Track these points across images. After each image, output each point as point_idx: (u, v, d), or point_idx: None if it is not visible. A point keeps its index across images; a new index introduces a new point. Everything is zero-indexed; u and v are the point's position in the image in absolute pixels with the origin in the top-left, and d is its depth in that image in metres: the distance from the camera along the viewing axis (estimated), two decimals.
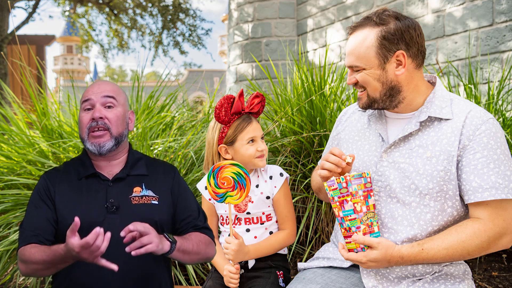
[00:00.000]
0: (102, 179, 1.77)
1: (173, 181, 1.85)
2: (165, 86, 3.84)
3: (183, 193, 1.85)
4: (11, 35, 10.62)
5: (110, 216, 1.70)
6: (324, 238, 2.98)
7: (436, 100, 1.66)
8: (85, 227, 1.66)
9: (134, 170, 1.81)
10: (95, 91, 1.78)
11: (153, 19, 14.79)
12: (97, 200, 1.73)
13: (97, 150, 1.74)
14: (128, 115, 1.86)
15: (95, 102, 1.76)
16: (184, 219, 1.82)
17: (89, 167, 1.79)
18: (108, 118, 1.76)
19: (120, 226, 1.67)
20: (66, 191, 1.75)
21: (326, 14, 7.05)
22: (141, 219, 1.70)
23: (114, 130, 1.76)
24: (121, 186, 1.77)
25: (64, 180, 1.78)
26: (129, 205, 1.73)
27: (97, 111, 1.74)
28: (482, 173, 1.55)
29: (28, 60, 11.05)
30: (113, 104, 1.78)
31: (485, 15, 4.73)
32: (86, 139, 1.76)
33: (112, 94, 1.79)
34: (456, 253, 1.54)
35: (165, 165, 1.90)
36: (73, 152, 3.12)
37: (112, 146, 1.76)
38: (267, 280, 1.99)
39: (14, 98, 3.54)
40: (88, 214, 1.69)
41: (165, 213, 1.78)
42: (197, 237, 1.76)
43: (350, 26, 1.70)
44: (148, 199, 1.76)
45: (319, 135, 2.97)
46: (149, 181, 1.81)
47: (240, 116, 2.01)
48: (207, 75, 30.39)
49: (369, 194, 1.57)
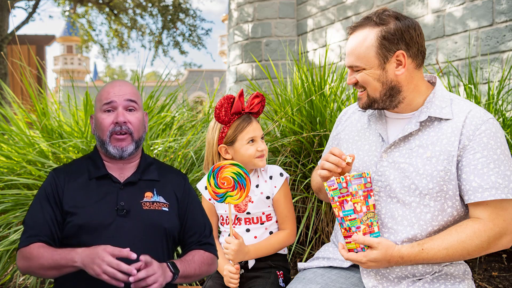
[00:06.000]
0: (113, 181, 1.75)
1: (183, 190, 1.83)
2: (165, 86, 3.84)
3: (191, 205, 1.83)
4: (11, 35, 10.62)
5: (119, 219, 1.68)
6: (324, 238, 2.98)
7: (436, 100, 1.66)
8: (93, 227, 1.66)
9: (146, 175, 1.79)
10: (117, 93, 1.74)
11: (153, 19, 14.80)
12: (107, 202, 1.70)
13: (119, 154, 1.73)
14: (144, 117, 1.84)
15: (118, 105, 1.73)
16: (191, 236, 1.80)
17: (101, 168, 1.77)
18: (131, 123, 1.74)
19: (129, 230, 1.67)
20: (76, 190, 1.73)
21: (326, 14, 7.05)
22: (150, 225, 1.70)
23: (135, 134, 1.75)
24: (132, 190, 1.74)
25: (74, 178, 1.75)
26: (140, 210, 1.71)
27: (120, 115, 1.71)
28: (482, 173, 1.55)
29: (28, 60, 11.05)
30: (134, 108, 1.76)
31: (485, 15, 4.73)
32: (108, 142, 1.73)
33: (134, 97, 1.76)
34: (456, 253, 1.54)
35: (176, 173, 1.88)
36: (73, 152, 3.12)
37: (133, 150, 1.75)
38: (267, 280, 1.99)
39: (14, 98, 3.54)
40: (98, 216, 1.67)
41: (174, 221, 1.76)
42: (200, 258, 1.75)
43: (350, 26, 1.70)
44: (159, 206, 1.74)
45: (319, 135, 2.97)
46: (160, 187, 1.79)
47: (240, 116, 2.01)
48: (207, 75, 30.38)
49: (369, 194, 1.57)
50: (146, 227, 1.69)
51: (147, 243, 1.68)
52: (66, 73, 25.69)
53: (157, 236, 1.71)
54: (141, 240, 1.67)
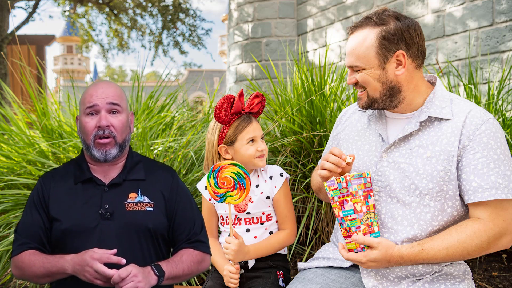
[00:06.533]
0: (98, 183, 1.75)
1: (171, 186, 1.81)
2: (165, 86, 3.84)
3: (180, 202, 1.81)
4: (11, 35, 10.62)
5: (103, 222, 1.68)
6: (324, 238, 2.98)
7: (436, 100, 1.66)
8: (78, 232, 1.66)
9: (131, 175, 1.78)
10: (99, 95, 1.73)
11: (153, 19, 14.80)
12: (91, 205, 1.71)
13: (104, 157, 1.73)
14: (129, 118, 1.83)
15: (100, 108, 1.72)
16: (180, 234, 1.79)
17: (85, 171, 1.77)
18: (114, 126, 1.73)
19: (114, 232, 1.67)
20: (61, 195, 1.73)
21: (326, 14, 7.05)
22: (134, 226, 1.69)
23: (119, 137, 1.74)
24: (116, 192, 1.74)
25: (60, 184, 1.76)
26: (123, 212, 1.70)
27: (103, 119, 1.71)
28: (482, 173, 1.55)
29: (28, 60, 11.05)
30: (117, 111, 1.75)
31: (485, 15, 4.73)
32: (93, 146, 1.73)
33: (117, 100, 1.75)
34: (456, 253, 1.54)
35: (164, 169, 1.86)
36: (73, 152, 3.12)
37: (117, 153, 1.74)
38: (267, 280, 1.99)
39: (14, 98, 3.54)
40: (82, 220, 1.67)
41: (160, 220, 1.75)
42: (189, 257, 1.73)
43: (350, 26, 1.70)
44: (143, 206, 1.73)
45: (319, 135, 2.97)
46: (145, 186, 1.78)
47: (240, 116, 2.01)
48: (207, 75, 30.37)
49: (369, 194, 1.57)
50: (130, 229, 1.69)
51: (132, 245, 1.68)
52: (66, 73, 25.68)
53: (143, 237, 1.71)
54: (126, 242, 1.67)
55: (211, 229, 2.12)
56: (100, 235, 1.66)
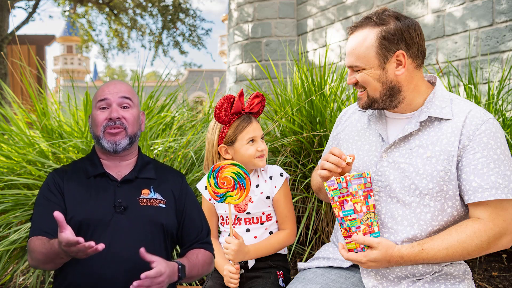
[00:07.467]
0: (111, 179, 1.77)
1: (181, 187, 1.84)
2: (165, 86, 3.84)
3: (189, 203, 1.84)
4: (11, 35, 10.62)
5: (117, 216, 1.69)
6: (324, 238, 2.98)
7: (436, 100, 1.66)
8: (91, 225, 1.67)
9: (142, 173, 1.81)
10: (111, 90, 1.78)
11: (153, 19, 14.79)
12: (105, 199, 1.72)
13: (113, 147, 1.74)
14: (140, 115, 1.86)
15: (112, 102, 1.76)
16: (189, 234, 1.82)
17: (98, 166, 1.79)
18: (125, 118, 1.76)
19: (127, 226, 1.68)
20: (75, 189, 1.74)
21: (326, 14, 7.05)
22: (148, 221, 1.71)
23: (130, 129, 1.77)
24: (129, 188, 1.76)
25: (73, 178, 1.77)
26: (137, 206, 1.72)
27: (114, 111, 1.74)
28: (482, 173, 1.55)
29: (28, 60, 11.05)
30: (129, 105, 1.78)
31: (485, 15, 4.73)
32: (102, 136, 1.75)
33: (129, 95, 1.79)
34: (456, 253, 1.54)
35: (173, 172, 1.89)
36: (73, 152, 3.12)
37: (126, 144, 1.76)
38: (267, 280, 1.99)
39: (14, 98, 3.54)
40: (96, 213, 1.68)
41: (171, 218, 1.77)
42: (203, 257, 1.77)
43: (350, 26, 1.70)
44: (156, 202, 1.75)
45: (319, 135, 2.98)
46: (157, 185, 1.80)
47: (240, 116, 2.01)
48: (207, 75, 30.37)
49: (369, 194, 1.57)
50: (144, 223, 1.70)
51: (146, 239, 1.69)
52: (66, 73, 25.69)
53: (155, 232, 1.72)
54: (139, 236, 1.68)
55: (211, 229, 2.12)
56: (113, 229, 1.67)
